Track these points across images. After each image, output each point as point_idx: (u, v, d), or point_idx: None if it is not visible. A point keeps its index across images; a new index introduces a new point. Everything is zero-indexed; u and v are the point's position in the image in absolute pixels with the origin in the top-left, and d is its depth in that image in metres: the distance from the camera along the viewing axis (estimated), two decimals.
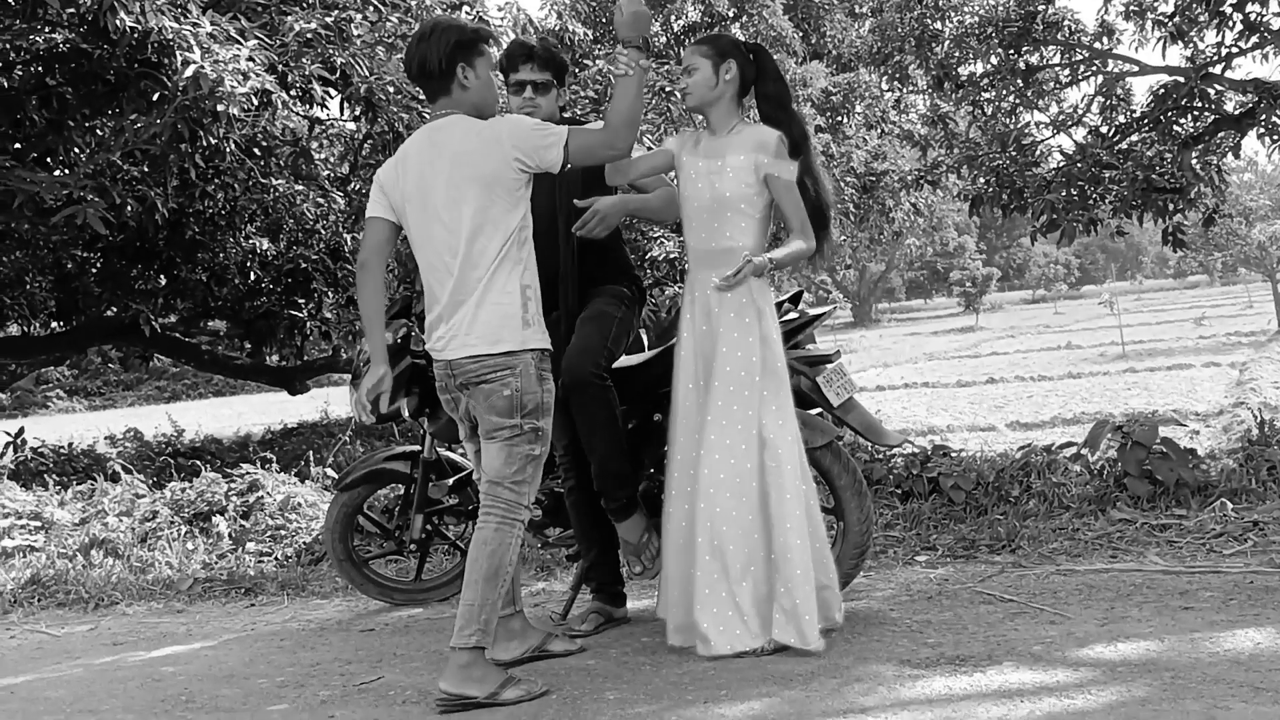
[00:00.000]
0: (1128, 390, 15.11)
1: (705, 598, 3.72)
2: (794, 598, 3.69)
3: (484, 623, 3.48)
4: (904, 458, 6.01)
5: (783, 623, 3.71)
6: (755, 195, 3.89)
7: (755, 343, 3.82)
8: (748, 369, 3.80)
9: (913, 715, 3.06)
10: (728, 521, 3.74)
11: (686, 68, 3.95)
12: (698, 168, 3.92)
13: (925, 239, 49.06)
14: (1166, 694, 3.04)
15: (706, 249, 3.91)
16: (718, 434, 3.78)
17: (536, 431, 3.56)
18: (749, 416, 3.78)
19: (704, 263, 3.91)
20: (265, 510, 6.34)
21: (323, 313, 12.62)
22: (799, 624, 3.67)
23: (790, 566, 3.70)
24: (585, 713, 3.33)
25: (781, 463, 3.77)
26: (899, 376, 20.92)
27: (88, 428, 17.35)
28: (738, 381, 3.79)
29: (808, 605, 3.68)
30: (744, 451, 3.76)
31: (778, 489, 3.75)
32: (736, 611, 3.72)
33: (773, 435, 3.78)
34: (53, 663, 4.46)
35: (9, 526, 6.40)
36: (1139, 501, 5.28)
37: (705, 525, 3.74)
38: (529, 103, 4.14)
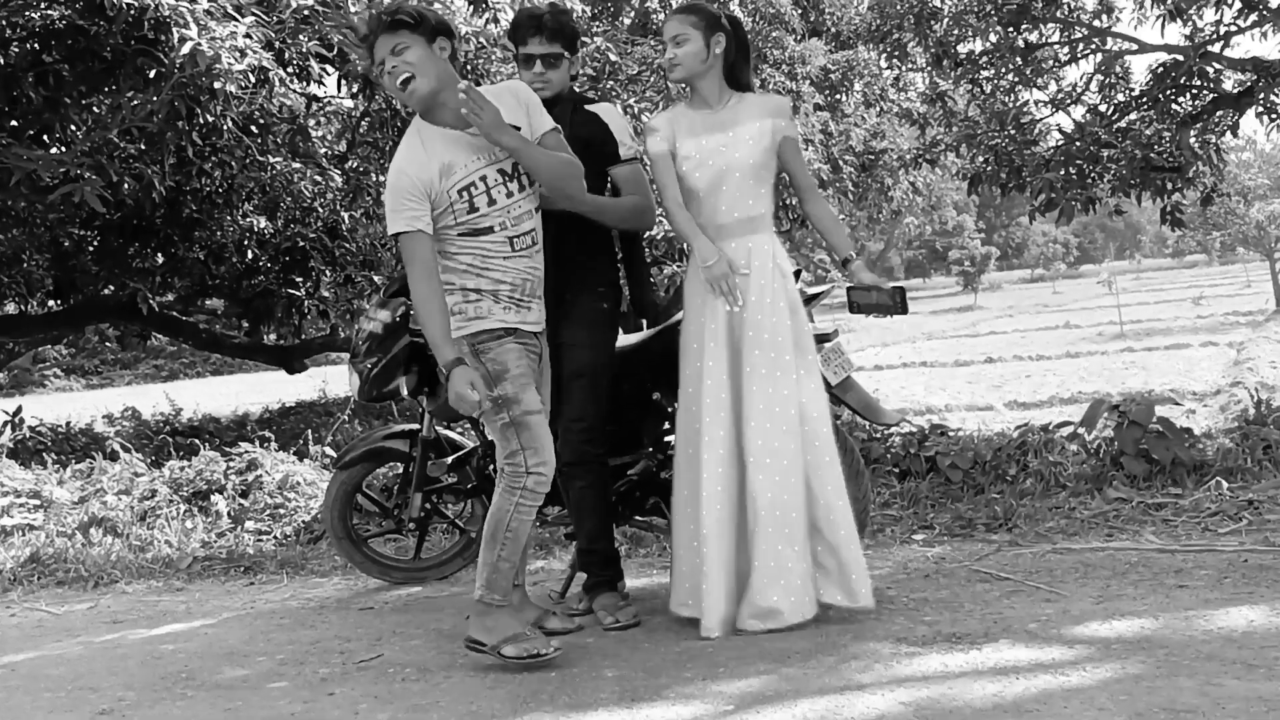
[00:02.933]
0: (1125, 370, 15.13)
1: (772, 570, 3.71)
2: (840, 556, 3.76)
3: (486, 580, 3.63)
4: (901, 437, 6.03)
5: (827, 584, 3.77)
6: (770, 160, 3.89)
7: (785, 310, 3.82)
8: (782, 338, 3.79)
9: (909, 692, 3.08)
10: (788, 490, 3.73)
11: (674, 38, 3.83)
12: (703, 147, 3.85)
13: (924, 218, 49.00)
14: (1161, 671, 3.06)
15: (728, 221, 3.84)
16: (765, 404, 3.76)
17: (496, 401, 3.59)
18: (790, 384, 3.77)
19: (723, 235, 3.85)
20: (264, 489, 6.35)
21: (320, 291, 12.60)
22: (848, 582, 3.75)
23: (834, 528, 3.77)
24: (583, 689, 3.35)
25: (818, 428, 3.80)
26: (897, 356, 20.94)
27: (85, 407, 17.35)
28: (776, 349, 3.78)
29: (857, 563, 3.76)
30: (791, 417, 3.76)
31: (815, 455, 3.79)
32: (805, 580, 3.73)
33: (808, 402, 3.80)
34: (53, 640, 4.48)
35: (8, 505, 6.41)
36: (1135, 480, 5.30)
37: (765, 498, 3.72)
38: (539, 78, 4.04)
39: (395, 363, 4.58)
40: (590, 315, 4.06)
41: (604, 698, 3.26)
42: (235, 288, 12.68)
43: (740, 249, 3.84)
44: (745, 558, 3.78)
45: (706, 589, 3.72)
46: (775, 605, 3.70)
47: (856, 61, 18.86)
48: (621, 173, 4.11)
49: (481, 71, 10.16)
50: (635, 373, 4.36)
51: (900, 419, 4.82)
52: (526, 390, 3.62)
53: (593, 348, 4.05)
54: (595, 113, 4.13)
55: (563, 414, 4.01)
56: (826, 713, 2.99)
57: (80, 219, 10.69)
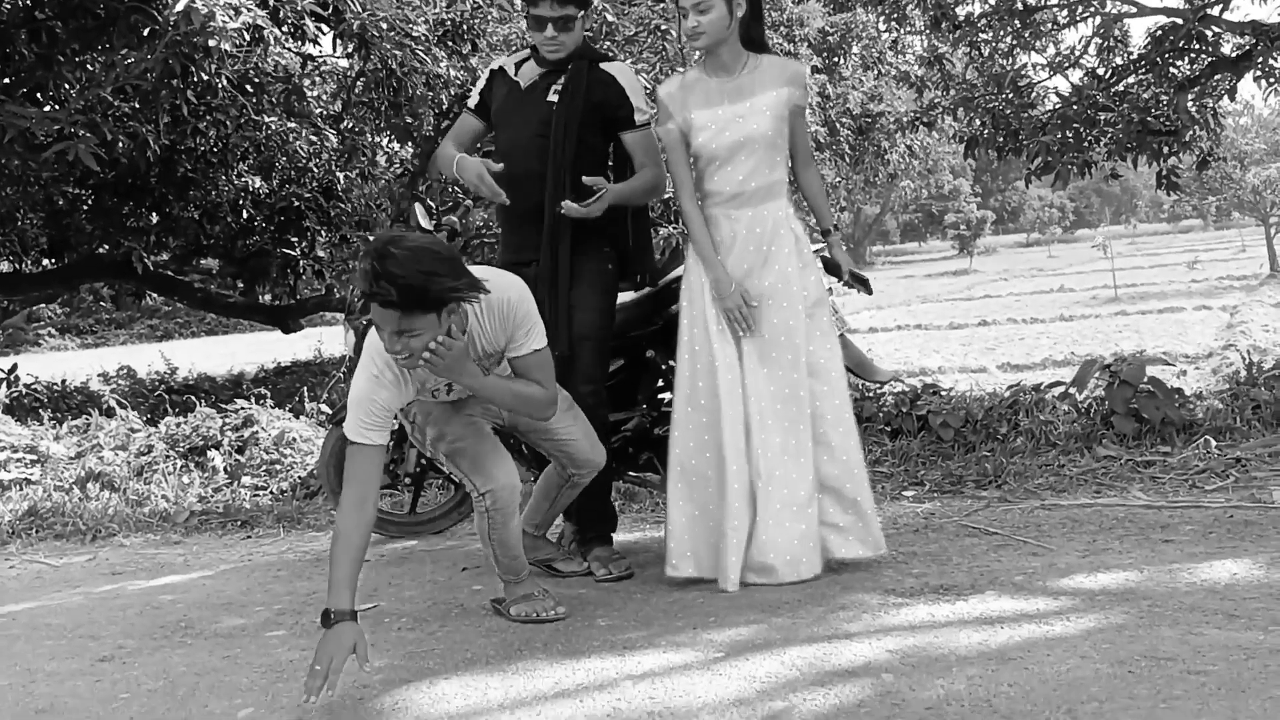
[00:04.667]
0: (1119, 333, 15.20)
1: (772, 528, 3.76)
2: (861, 510, 3.84)
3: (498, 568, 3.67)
4: (894, 396, 6.08)
5: (845, 541, 3.85)
6: (784, 128, 3.89)
7: (795, 272, 3.85)
8: (788, 302, 3.82)
9: (896, 641, 3.13)
10: (789, 451, 3.78)
11: (696, 4, 3.73)
12: (719, 117, 3.83)
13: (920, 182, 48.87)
14: (1144, 621, 3.12)
15: (745, 189, 3.84)
16: (773, 367, 3.80)
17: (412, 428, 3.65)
18: (798, 345, 3.81)
19: (740, 202, 3.85)
20: (260, 445, 6.39)
21: (315, 251, 12.60)
22: (869, 535, 3.84)
23: (858, 484, 3.85)
24: (576, 638, 3.40)
25: (833, 386, 3.85)
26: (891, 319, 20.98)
27: (80, 365, 17.37)
28: (784, 313, 3.81)
29: (874, 513, 3.87)
30: (795, 380, 3.80)
31: (835, 413, 3.84)
32: (803, 540, 3.77)
33: (823, 361, 3.85)
34: (53, 591, 4.53)
35: (5, 460, 6.45)
36: (1124, 439, 5.35)
37: (769, 458, 3.77)
38: (551, 41, 3.95)
39: None
40: (596, 278, 4.06)
41: (597, 646, 3.31)
42: (230, 247, 12.68)
43: (756, 216, 3.86)
44: (752, 514, 3.83)
45: (730, 547, 3.74)
46: (771, 563, 3.76)
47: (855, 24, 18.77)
48: (633, 139, 4.08)
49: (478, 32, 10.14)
50: (631, 330, 4.39)
51: (893, 376, 4.86)
52: (449, 422, 3.55)
53: (599, 311, 4.06)
54: (611, 74, 4.05)
55: (571, 377, 4.04)
56: (815, 660, 3.04)
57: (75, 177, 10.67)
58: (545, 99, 4.02)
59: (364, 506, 3.14)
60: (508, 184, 4.03)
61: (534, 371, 3.44)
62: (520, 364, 3.43)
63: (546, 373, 3.47)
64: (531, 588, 3.67)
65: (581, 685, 3.01)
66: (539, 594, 3.66)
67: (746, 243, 3.84)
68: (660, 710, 2.78)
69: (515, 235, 4.12)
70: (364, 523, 3.13)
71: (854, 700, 2.75)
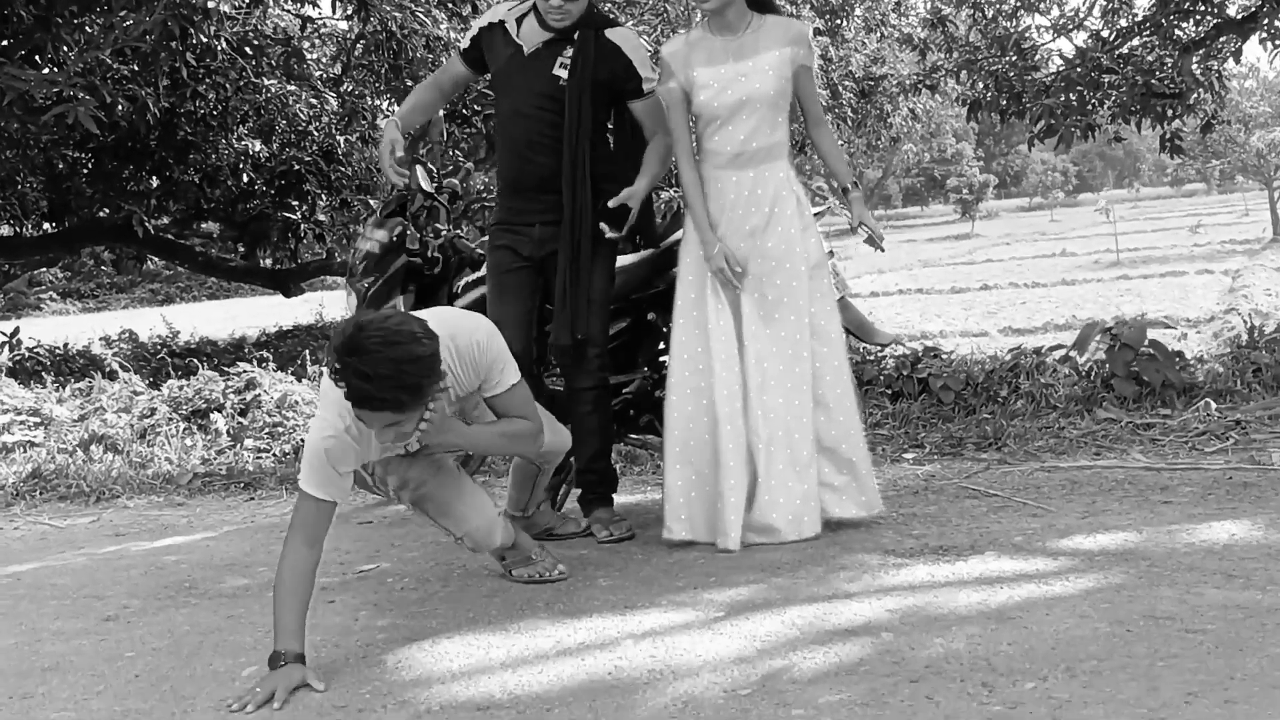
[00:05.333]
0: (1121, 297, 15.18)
1: (774, 489, 3.78)
2: (856, 471, 3.87)
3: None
4: (894, 359, 6.08)
5: (840, 501, 3.88)
6: (788, 89, 3.88)
7: (798, 234, 3.85)
8: (790, 264, 3.83)
9: (895, 600, 3.15)
10: (791, 412, 3.79)
11: None
12: (722, 76, 3.81)
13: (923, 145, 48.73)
14: (1142, 581, 3.14)
15: (746, 149, 3.83)
16: (774, 328, 3.81)
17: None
18: (803, 307, 3.82)
19: (740, 163, 3.84)
20: (262, 408, 6.41)
21: (316, 215, 12.60)
22: (865, 495, 3.88)
23: (854, 445, 3.88)
24: (577, 598, 3.43)
25: (833, 347, 3.88)
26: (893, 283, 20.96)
27: (82, 329, 17.37)
28: (786, 274, 3.82)
29: (870, 473, 3.90)
30: (798, 341, 3.82)
31: (834, 374, 3.86)
32: (804, 500, 3.80)
33: (823, 323, 3.87)
34: (57, 552, 4.56)
35: (8, 422, 6.47)
36: (1125, 402, 5.36)
37: (772, 419, 3.78)
38: (557, 10, 3.88)
39: (392, 282, 4.61)
40: (598, 244, 4.02)
41: (598, 605, 3.34)
42: (230, 211, 12.68)
43: (758, 177, 3.85)
44: (751, 476, 3.85)
45: (729, 506, 3.76)
46: (774, 523, 3.78)
47: None
48: (641, 107, 4.05)
49: None
50: (633, 293, 4.39)
51: (893, 339, 4.87)
52: (410, 467, 3.37)
53: (602, 275, 4.06)
54: (617, 44, 4.00)
55: (588, 340, 4.03)
56: (815, 619, 3.06)
57: (74, 141, 10.66)
58: (551, 71, 3.95)
59: (313, 547, 3.01)
60: (509, 151, 4.01)
61: (515, 407, 3.31)
62: (499, 402, 3.30)
63: (528, 405, 3.36)
64: (532, 549, 3.69)
65: (583, 644, 3.03)
66: (539, 555, 3.68)
67: (749, 204, 3.83)
68: (661, 668, 2.81)
69: (514, 201, 4.09)
70: (313, 564, 3.00)
71: (854, 659, 2.77)
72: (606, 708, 2.60)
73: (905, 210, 72.04)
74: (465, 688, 2.80)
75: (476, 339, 3.20)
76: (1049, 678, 2.55)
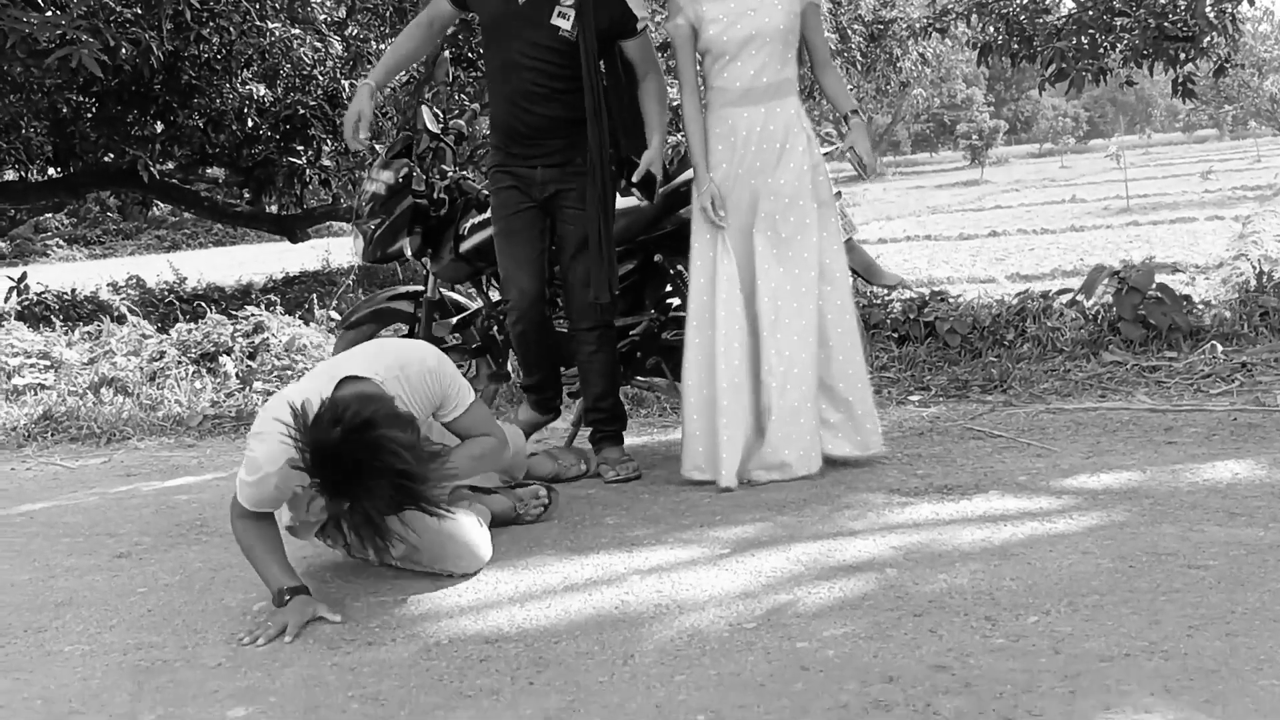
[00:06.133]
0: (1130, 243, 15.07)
1: (787, 425, 3.81)
2: (853, 410, 3.90)
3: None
4: (901, 303, 6.08)
5: (836, 439, 3.91)
6: (797, 25, 3.87)
7: (808, 172, 3.85)
8: (804, 201, 3.83)
9: (900, 537, 3.18)
10: (805, 349, 3.82)
11: None
12: (730, 10, 3.80)
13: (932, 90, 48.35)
14: (1145, 518, 3.16)
15: (756, 85, 3.82)
16: (784, 266, 3.82)
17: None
18: (811, 245, 3.83)
19: (750, 99, 3.83)
20: (271, 351, 6.44)
21: (322, 160, 12.55)
22: (861, 434, 3.91)
23: (851, 383, 3.90)
24: (584, 536, 3.46)
25: (837, 287, 3.89)
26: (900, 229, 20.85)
27: (89, 275, 17.38)
28: (798, 212, 3.83)
29: (870, 415, 3.92)
30: (810, 278, 3.83)
31: (836, 313, 3.88)
32: (813, 436, 3.85)
33: (829, 262, 3.88)
34: (69, 491, 4.60)
35: (19, 365, 6.51)
36: (1131, 345, 5.36)
37: (785, 356, 3.80)
38: None
39: (399, 224, 4.61)
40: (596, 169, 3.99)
41: (605, 543, 3.37)
42: (236, 156, 12.63)
43: (769, 113, 3.84)
44: (758, 414, 3.86)
45: (722, 445, 3.80)
46: (786, 459, 3.81)
47: None
48: (634, 46, 4.02)
49: None
50: (639, 235, 4.39)
51: (900, 281, 4.86)
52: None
53: (599, 206, 4.02)
54: None
55: (575, 282, 4.05)
56: (820, 555, 3.09)
57: (78, 85, 10.60)
58: (548, 21, 3.89)
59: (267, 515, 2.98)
60: (504, 102, 3.96)
61: (476, 426, 3.16)
62: (459, 424, 3.14)
63: (487, 420, 3.22)
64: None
65: (590, 580, 3.06)
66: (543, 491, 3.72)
67: (761, 140, 3.83)
68: (667, 603, 2.84)
69: (512, 147, 4.04)
70: (270, 523, 2.98)
71: (858, 593, 2.80)
72: (613, 640, 2.63)
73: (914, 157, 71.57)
74: (474, 621, 2.83)
75: (428, 366, 3.03)
76: (1051, 612, 2.58)
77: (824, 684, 2.32)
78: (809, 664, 2.42)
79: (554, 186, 4.00)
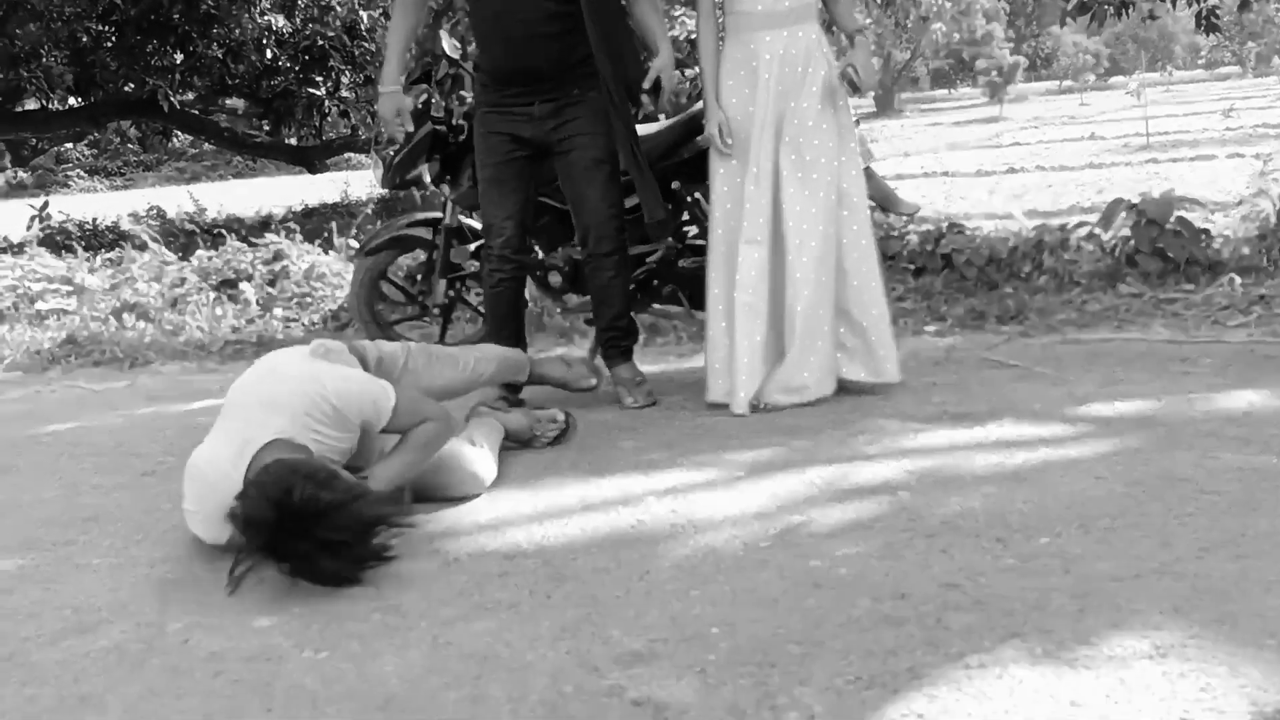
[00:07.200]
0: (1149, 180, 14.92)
1: (806, 348, 3.84)
2: (868, 336, 3.92)
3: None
4: (918, 234, 6.06)
5: (851, 363, 3.96)
6: None
7: (828, 97, 3.84)
8: (827, 125, 3.83)
9: (913, 462, 3.21)
10: (825, 273, 3.84)
11: None
12: None
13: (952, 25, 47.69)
14: (1159, 445, 3.18)
15: (778, 8, 3.79)
16: (807, 190, 3.81)
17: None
18: (831, 169, 3.83)
19: (773, 22, 3.81)
20: (290, 278, 6.47)
21: (340, 92, 12.52)
22: (874, 360, 3.94)
23: (865, 308, 3.92)
24: (601, 459, 3.50)
25: (855, 212, 3.90)
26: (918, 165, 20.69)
27: (110, 205, 17.41)
28: (821, 135, 3.82)
29: (885, 341, 3.94)
30: (832, 202, 3.84)
31: (853, 237, 3.89)
32: (830, 359, 3.89)
33: (848, 187, 3.88)
34: (94, 413, 4.66)
35: (42, 290, 6.56)
36: (1149, 277, 5.35)
37: (807, 279, 3.81)
38: None
39: (418, 150, 4.62)
40: (600, 105, 3.99)
41: (621, 465, 3.41)
42: (255, 87, 12.61)
43: (791, 37, 3.82)
44: (776, 337, 3.89)
45: (740, 370, 3.83)
46: (804, 381, 3.85)
47: None
48: None
49: None
50: (657, 162, 4.38)
51: (916, 209, 4.84)
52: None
53: (609, 135, 4.01)
54: None
55: (590, 206, 4.05)
56: (833, 479, 3.13)
57: (98, 13, 10.57)
58: None
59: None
60: (501, 45, 3.91)
61: (411, 419, 3.03)
62: (394, 427, 3.02)
63: (420, 407, 3.08)
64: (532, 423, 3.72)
65: (607, 500, 3.11)
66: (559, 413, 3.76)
67: (783, 64, 3.81)
68: (683, 523, 2.88)
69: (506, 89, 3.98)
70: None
71: (871, 515, 2.84)
72: (629, 557, 2.68)
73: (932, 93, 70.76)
74: (492, 538, 2.88)
75: (322, 394, 2.86)
76: (1063, 534, 2.62)
77: (836, 600, 2.36)
78: (821, 581, 2.46)
79: (553, 121, 3.97)
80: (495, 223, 4.07)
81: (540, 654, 2.22)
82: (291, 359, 3.08)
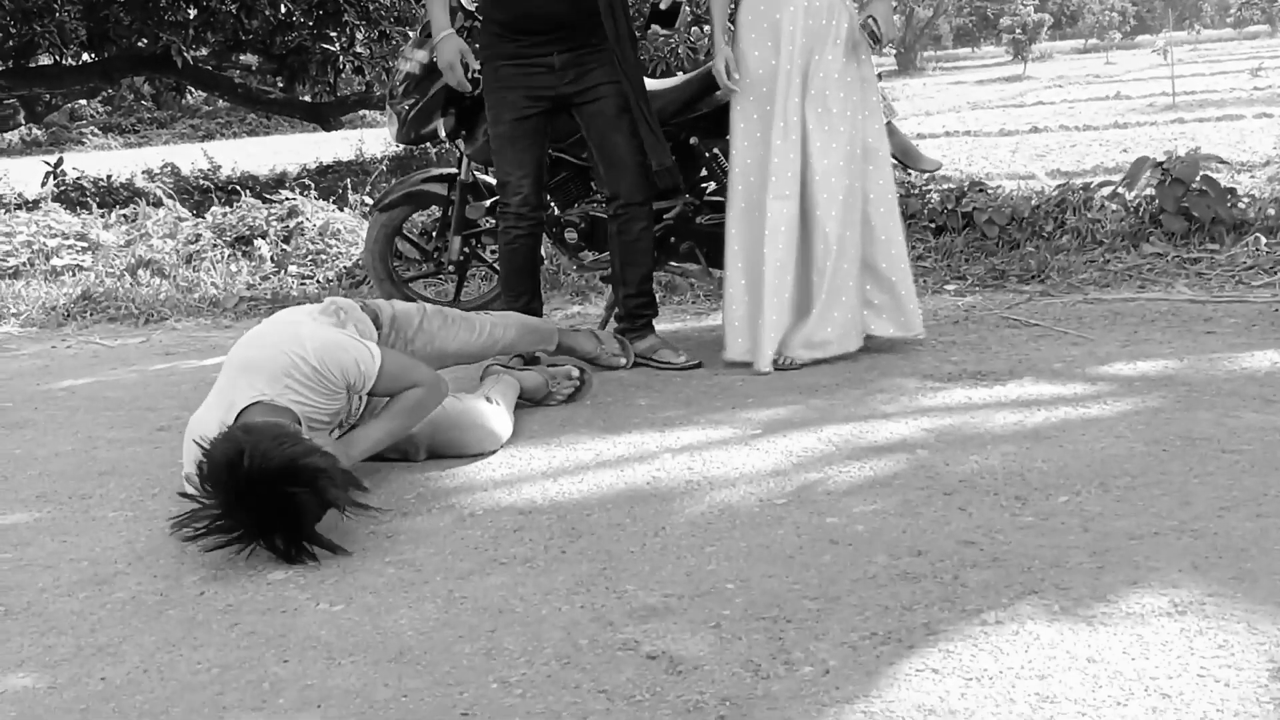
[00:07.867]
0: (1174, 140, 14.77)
1: (831, 303, 3.82)
2: (896, 291, 3.91)
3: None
4: (939, 193, 6.00)
5: (877, 319, 3.94)
6: None
7: (851, 49, 3.80)
8: (851, 77, 3.80)
9: (932, 420, 3.19)
10: (850, 227, 3.81)
11: None
12: None
13: None
14: (1180, 405, 3.15)
15: None
16: (833, 143, 3.77)
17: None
18: (855, 122, 3.80)
19: None
20: (305, 235, 6.45)
21: (355, 48, 12.44)
22: (903, 315, 3.92)
23: (894, 263, 3.91)
24: (616, 416, 3.49)
25: (879, 166, 3.88)
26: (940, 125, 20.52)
27: (124, 162, 17.40)
28: (845, 88, 3.79)
29: (911, 296, 3.93)
30: (855, 155, 3.81)
31: (879, 191, 3.88)
32: (854, 314, 3.87)
33: (872, 141, 3.86)
34: (109, 368, 4.66)
35: (57, 246, 6.56)
36: (1173, 237, 5.28)
37: (834, 234, 3.79)
38: None
39: (433, 104, 4.56)
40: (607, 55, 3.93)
41: (637, 423, 3.40)
42: (269, 43, 12.53)
43: None
44: (802, 293, 3.86)
45: (764, 327, 3.80)
46: (828, 337, 3.83)
47: None
48: None
49: None
50: (674, 117, 4.34)
51: (938, 166, 4.78)
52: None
53: (631, 83, 3.96)
54: None
55: (620, 154, 3.99)
56: (851, 437, 3.10)
57: None
58: None
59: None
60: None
61: (398, 383, 2.97)
62: (380, 390, 2.95)
63: (407, 369, 3.02)
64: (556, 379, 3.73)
65: (622, 457, 3.10)
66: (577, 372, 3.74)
67: (808, 15, 3.76)
68: (699, 479, 2.87)
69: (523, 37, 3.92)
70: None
71: (889, 473, 2.82)
72: (644, 513, 2.67)
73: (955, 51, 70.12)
74: (508, 494, 2.87)
75: (306, 362, 2.78)
76: (1082, 492, 2.59)
77: (852, 556, 2.35)
78: (838, 538, 2.44)
79: (572, 72, 3.92)
80: (511, 180, 4.03)
81: (555, 608, 2.21)
82: (287, 319, 3.01)
